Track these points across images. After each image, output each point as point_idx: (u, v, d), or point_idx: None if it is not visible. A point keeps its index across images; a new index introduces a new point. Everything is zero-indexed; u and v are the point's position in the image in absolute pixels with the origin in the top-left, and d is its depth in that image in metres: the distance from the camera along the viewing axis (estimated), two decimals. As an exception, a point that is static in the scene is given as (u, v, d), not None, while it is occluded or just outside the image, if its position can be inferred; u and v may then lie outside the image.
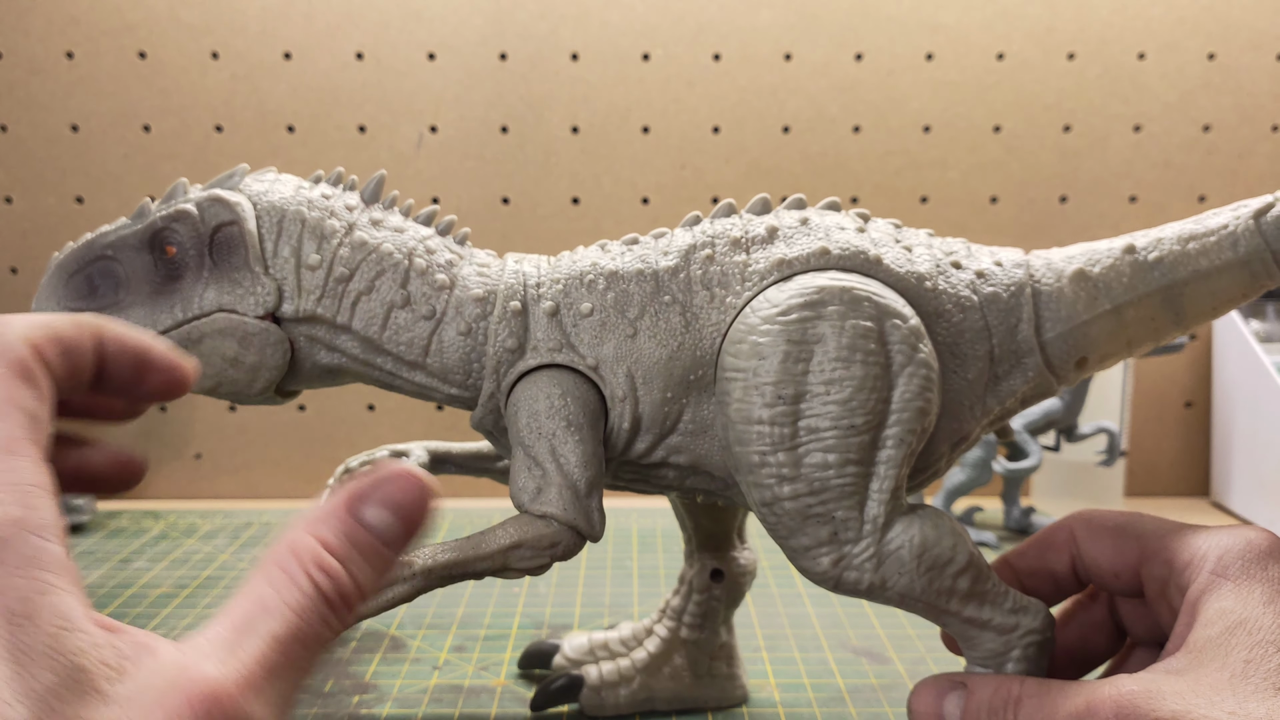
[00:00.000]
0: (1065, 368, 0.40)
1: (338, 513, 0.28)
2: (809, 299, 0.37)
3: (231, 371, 0.39)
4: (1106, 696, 0.30)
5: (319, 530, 0.27)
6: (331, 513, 0.28)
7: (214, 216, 0.39)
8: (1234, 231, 0.38)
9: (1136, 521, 0.37)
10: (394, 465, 0.29)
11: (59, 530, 0.25)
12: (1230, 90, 0.89)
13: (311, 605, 0.26)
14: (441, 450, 0.53)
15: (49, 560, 0.24)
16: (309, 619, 0.26)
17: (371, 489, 0.28)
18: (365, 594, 0.28)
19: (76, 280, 0.39)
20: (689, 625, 0.51)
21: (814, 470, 0.36)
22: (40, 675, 0.22)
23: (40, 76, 0.88)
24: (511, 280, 0.41)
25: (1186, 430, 0.95)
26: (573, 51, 0.88)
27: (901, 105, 0.89)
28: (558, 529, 0.38)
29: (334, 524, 0.28)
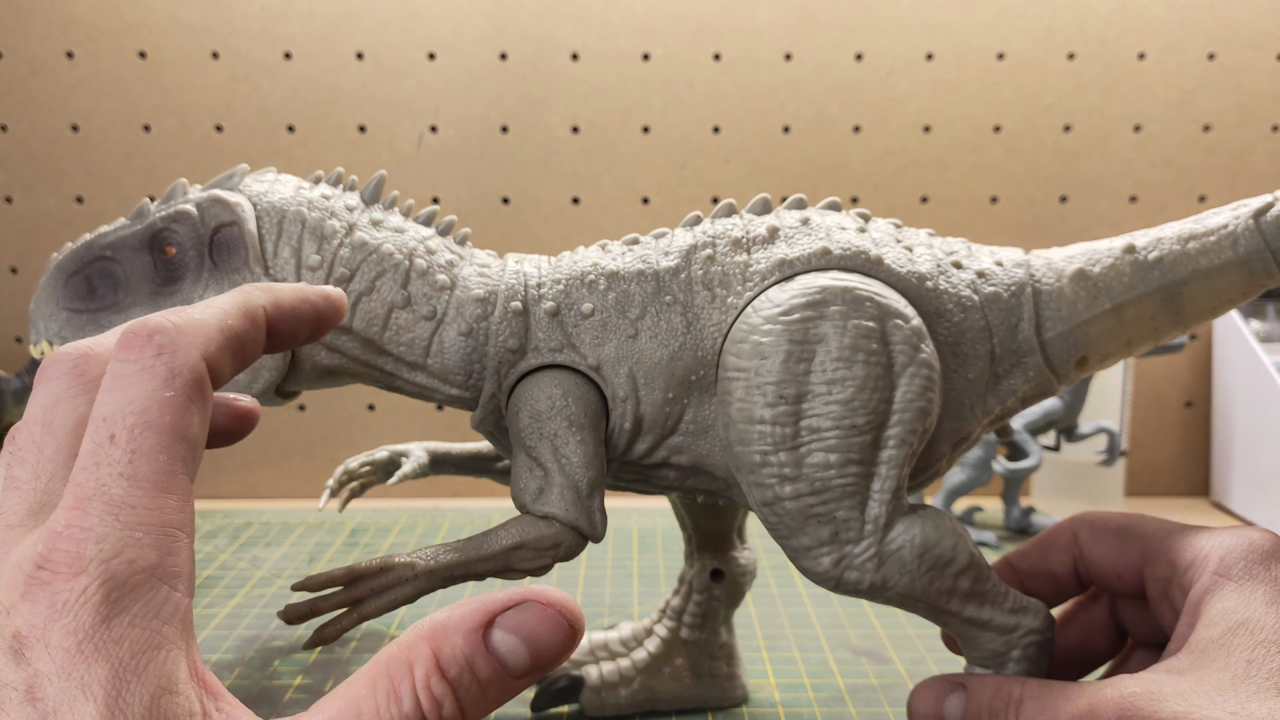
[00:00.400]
0: (1066, 367, 0.40)
1: (466, 629, 0.26)
2: (811, 299, 0.37)
3: (232, 372, 0.39)
4: (1109, 698, 0.30)
5: (441, 644, 0.26)
6: (460, 626, 0.26)
7: (214, 217, 0.39)
8: (1233, 231, 0.38)
9: (1139, 523, 0.37)
10: (542, 591, 0.27)
11: (189, 579, 0.24)
12: (1230, 90, 0.89)
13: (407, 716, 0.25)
14: (441, 451, 0.53)
15: (171, 613, 0.23)
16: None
17: (510, 610, 0.26)
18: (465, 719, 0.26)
19: (75, 281, 0.39)
20: (689, 625, 0.51)
21: (815, 470, 0.36)
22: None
23: (40, 76, 0.88)
24: (512, 280, 0.41)
25: (1186, 430, 0.95)
26: (573, 51, 0.88)
27: (901, 105, 0.89)
28: (559, 530, 0.38)
29: (459, 641, 0.26)
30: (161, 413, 0.25)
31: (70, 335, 0.39)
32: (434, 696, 0.25)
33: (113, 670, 0.22)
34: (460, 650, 0.25)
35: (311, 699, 0.52)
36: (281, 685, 0.54)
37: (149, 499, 0.24)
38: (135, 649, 0.22)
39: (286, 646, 0.59)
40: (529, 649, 0.26)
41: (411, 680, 0.25)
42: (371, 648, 0.59)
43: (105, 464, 0.24)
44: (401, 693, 0.25)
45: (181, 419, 0.25)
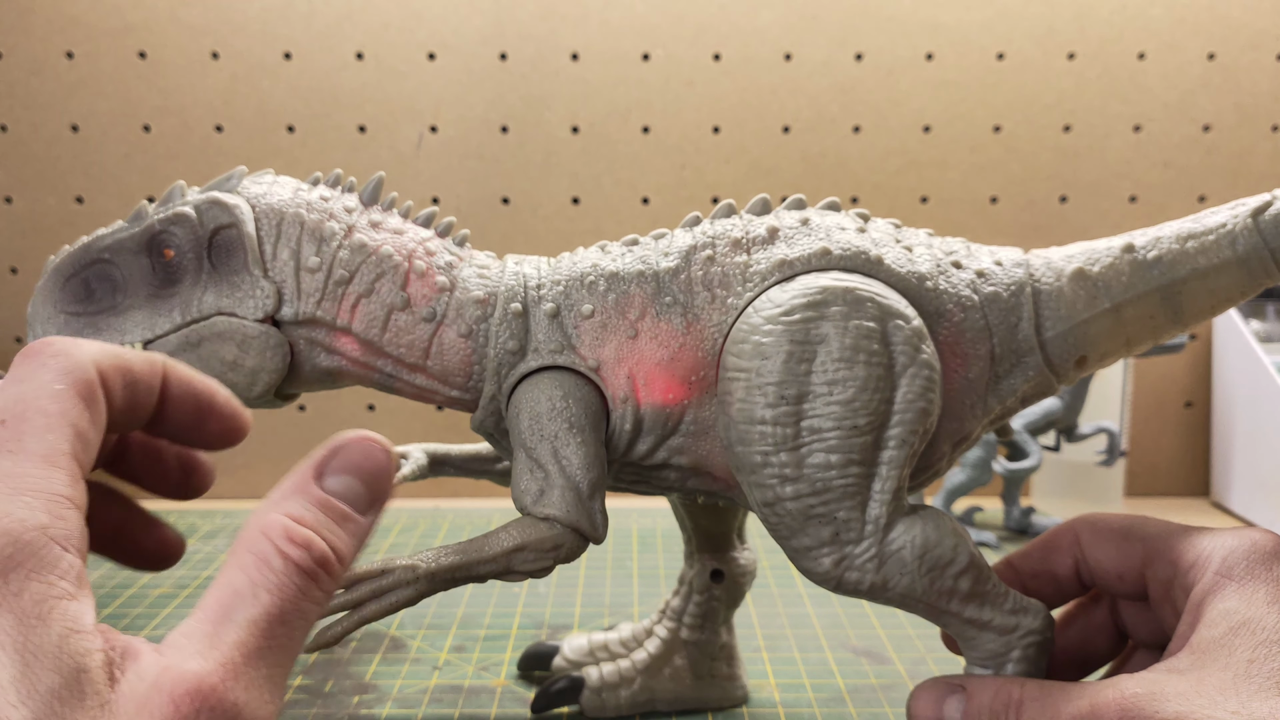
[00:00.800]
0: (1065, 366, 0.40)
1: (302, 485, 0.28)
2: (812, 299, 0.37)
3: (231, 375, 0.39)
4: (1110, 699, 0.30)
5: (286, 506, 0.28)
6: (296, 486, 0.28)
7: (212, 219, 0.39)
8: (1232, 230, 0.38)
9: (1141, 524, 0.37)
10: (349, 433, 0.29)
11: (81, 543, 0.25)
12: (1230, 90, 0.89)
13: (288, 581, 0.26)
14: (440, 452, 0.53)
15: (66, 569, 0.24)
16: (286, 596, 0.26)
17: (330, 457, 0.29)
18: (345, 560, 0.28)
19: (73, 284, 0.39)
20: (689, 626, 0.51)
21: (816, 470, 0.36)
22: (45, 676, 0.22)
23: (40, 76, 0.88)
24: (512, 282, 0.41)
25: (1186, 430, 0.95)
26: (573, 51, 0.88)
27: (901, 105, 0.89)
28: (560, 531, 0.38)
29: (300, 497, 0.28)
30: (49, 401, 0.26)
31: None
32: (300, 545, 0.27)
33: (16, 619, 0.23)
34: (305, 501, 0.28)
35: (311, 699, 0.52)
36: (281, 686, 0.54)
37: (35, 469, 0.25)
38: (35, 598, 0.23)
39: (286, 647, 0.59)
40: (360, 479, 0.29)
41: (273, 542, 0.26)
42: (372, 648, 0.59)
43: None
44: (268, 556, 0.26)
45: (69, 408, 0.26)
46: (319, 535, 0.27)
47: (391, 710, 0.51)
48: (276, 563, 0.26)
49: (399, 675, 0.56)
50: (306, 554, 0.27)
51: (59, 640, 0.23)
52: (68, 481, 0.25)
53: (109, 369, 0.28)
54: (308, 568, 0.27)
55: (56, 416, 0.26)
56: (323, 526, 0.28)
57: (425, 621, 0.63)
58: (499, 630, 0.62)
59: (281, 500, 0.28)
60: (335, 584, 0.28)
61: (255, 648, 0.25)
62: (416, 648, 0.59)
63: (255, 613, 0.26)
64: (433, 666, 0.57)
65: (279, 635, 0.26)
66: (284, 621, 0.26)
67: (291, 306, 0.39)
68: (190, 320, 0.39)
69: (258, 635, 0.25)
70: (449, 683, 0.55)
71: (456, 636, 0.61)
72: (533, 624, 0.63)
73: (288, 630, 0.26)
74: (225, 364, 0.39)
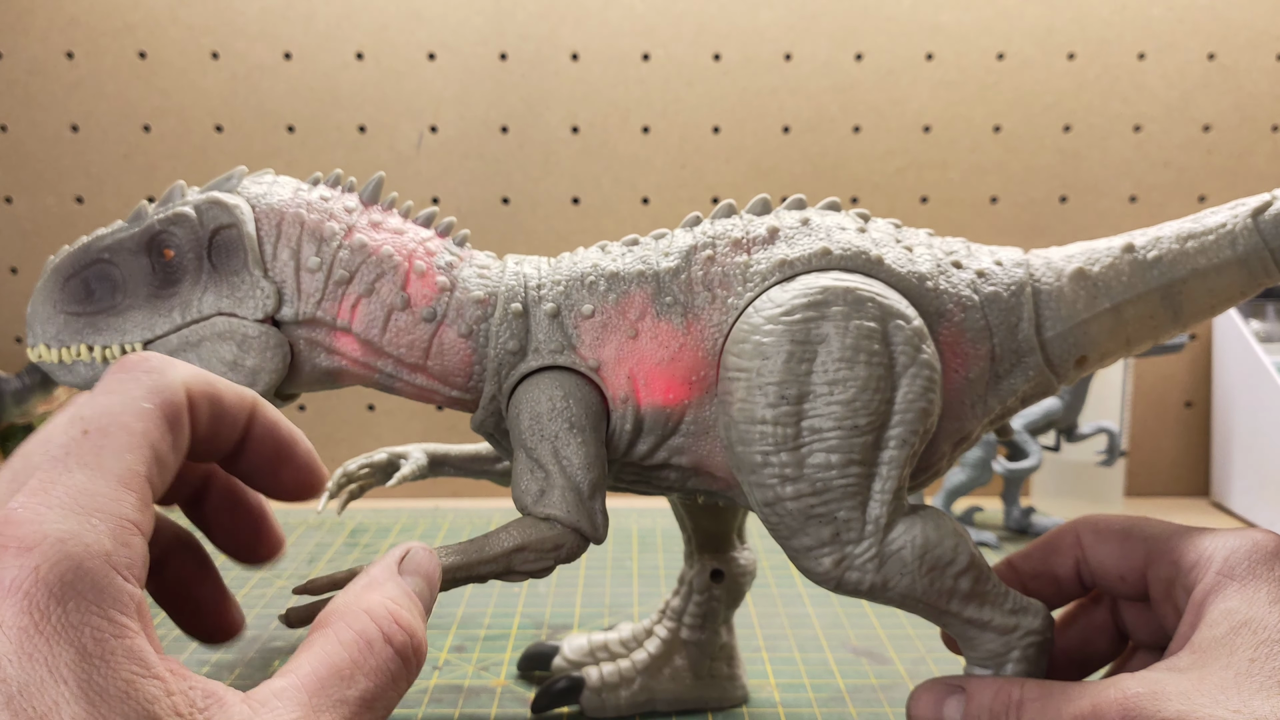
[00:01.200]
0: (1065, 366, 0.40)
1: (392, 575, 0.30)
2: (813, 299, 0.37)
3: (231, 375, 0.39)
4: (1112, 698, 0.30)
5: (387, 591, 0.29)
6: (388, 575, 0.30)
7: (212, 219, 0.39)
8: (1232, 230, 0.38)
9: (1143, 525, 0.38)
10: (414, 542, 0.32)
11: (143, 573, 0.25)
12: (1230, 90, 0.89)
13: (386, 667, 0.27)
14: (440, 453, 0.53)
15: (127, 602, 0.23)
16: (383, 681, 0.27)
17: (404, 555, 0.31)
18: (424, 651, 0.29)
19: (73, 284, 0.39)
20: (689, 626, 0.51)
21: (817, 470, 0.36)
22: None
23: (40, 76, 0.88)
24: (512, 282, 0.41)
25: (1186, 430, 0.95)
26: (573, 51, 0.88)
27: (901, 105, 0.89)
28: (561, 531, 0.38)
29: (394, 585, 0.29)
30: (135, 418, 0.26)
31: (67, 338, 0.39)
32: (404, 631, 0.28)
33: (79, 653, 0.22)
34: (399, 592, 0.29)
35: (311, 700, 0.52)
36: (281, 686, 0.54)
37: (108, 489, 0.25)
38: (98, 634, 0.22)
39: (286, 647, 0.59)
40: (424, 578, 0.31)
41: (378, 626, 0.28)
42: (371, 648, 0.59)
43: (74, 454, 0.25)
44: (372, 638, 0.27)
45: (153, 429, 0.26)
46: (413, 628, 0.28)
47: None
48: (380, 647, 0.27)
49: (399, 675, 0.56)
50: (408, 641, 0.28)
51: (126, 685, 0.22)
52: (138, 506, 0.25)
53: (199, 394, 0.28)
54: (405, 655, 0.28)
55: (139, 436, 0.26)
56: (414, 620, 0.29)
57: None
58: (499, 630, 0.62)
59: (377, 585, 0.29)
60: (418, 673, 0.29)
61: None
62: (416, 648, 0.59)
63: (353, 694, 0.26)
64: (433, 666, 0.57)
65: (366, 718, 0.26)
66: (373, 706, 0.27)
67: (291, 307, 0.39)
68: (190, 320, 0.39)
69: (351, 716, 0.26)
70: (449, 683, 0.55)
71: (456, 636, 0.61)
72: (533, 624, 0.63)
73: (374, 715, 0.27)
74: (225, 364, 0.39)
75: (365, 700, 0.26)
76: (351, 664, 0.26)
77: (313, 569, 0.73)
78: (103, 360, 0.39)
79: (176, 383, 0.28)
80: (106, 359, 0.39)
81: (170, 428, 0.27)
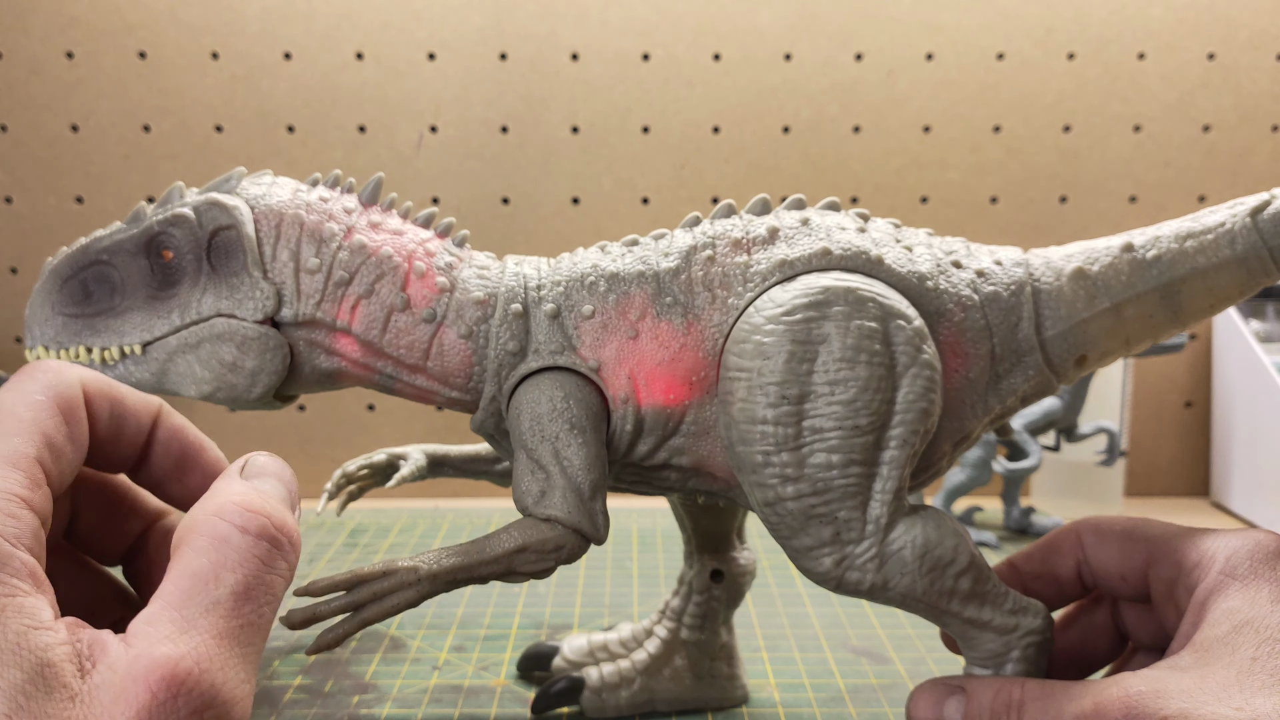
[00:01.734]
0: (1065, 365, 0.40)
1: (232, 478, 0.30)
2: (814, 299, 0.37)
3: (230, 377, 0.39)
4: (1114, 696, 0.30)
5: (230, 491, 0.28)
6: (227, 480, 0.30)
7: (211, 220, 0.39)
8: (1231, 229, 0.38)
9: (1144, 526, 0.38)
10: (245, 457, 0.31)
11: (35, 543, 0.25)
12: (1230, 90, 0.89)
13: (250, 556, 0.27)
14: (439, 453, 0.53)
15: (19, 566, 0.24)
16: (251, 570, 0.27)
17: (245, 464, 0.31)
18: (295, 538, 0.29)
19: (71, 286, 0.39)
20: (689, 626, 0.51)
21: (817, 470, 0.36)
22: (7, 673, 0.22)
23: (40, 76, 0.88)
24: (512, 283, 0.41)
25: (1186, 430, 0.95)
26: (573, 51, 0.88)
27: (901, 105, 0.89)
28: (562, 532, 0.38)
29: (239, 485, 0.29)
30: (25, 409, 0.27)
31: (66, 340, 0.39)
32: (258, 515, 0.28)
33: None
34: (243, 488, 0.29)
35: (311, 699, 0.52)
36: (281, 685, 0.54)
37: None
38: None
39: (286, 647, 0.59)
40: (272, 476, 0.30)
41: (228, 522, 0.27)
42: (371, 648, 0.59)
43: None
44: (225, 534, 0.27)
45: (44, 417, 0.27)
46: (270, 512, 0.28)
47: (391, 710, 0.51)
48: (236, 539, 0.27)
49: (399, 675, 0.56)
50: (267, 521, 0.27)
51: (16, 637, 0.23)
52: (25, 483, 0.26)
53: (96, 392, 0.29)
54: (269, 535, 0.27)
55: (28, 423, 0.27)
56: (272, 506, 0.28)
57: (425, 621, 0.63)
58: (499, 630, 0.62)
59: (221, 490, 0.29)
60: (296, 555, 0.28)
61: (226, 628, 0.26)
62: (416, 648, 0.59)
63: (221, 593, 0.26)
64: (433, 666, 0.57)
65: (248, 613, 0.26)
66: (250, 598, 0.26)
67: (291, 308, 0.39)
68: (189, 322, 0.39)
69: (227, 615, 0.26)
70: (449, 683, 0.55)
71: (456, 636, 0.61)
72: (532, 624, 0.63)
73: (256, 607, 0.26)
74: (224, 365, 0.39)
75: (238, 594, 0.26)
76: (211, 565, 0.26)
77: (313, 569, 0.73)
78: (101, 361, 0.39)
79: (72, 378, 0.29)
80: (105, 360, 0.39)
81: (65, 418, 0.28)
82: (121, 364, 0.39)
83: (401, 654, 0.58)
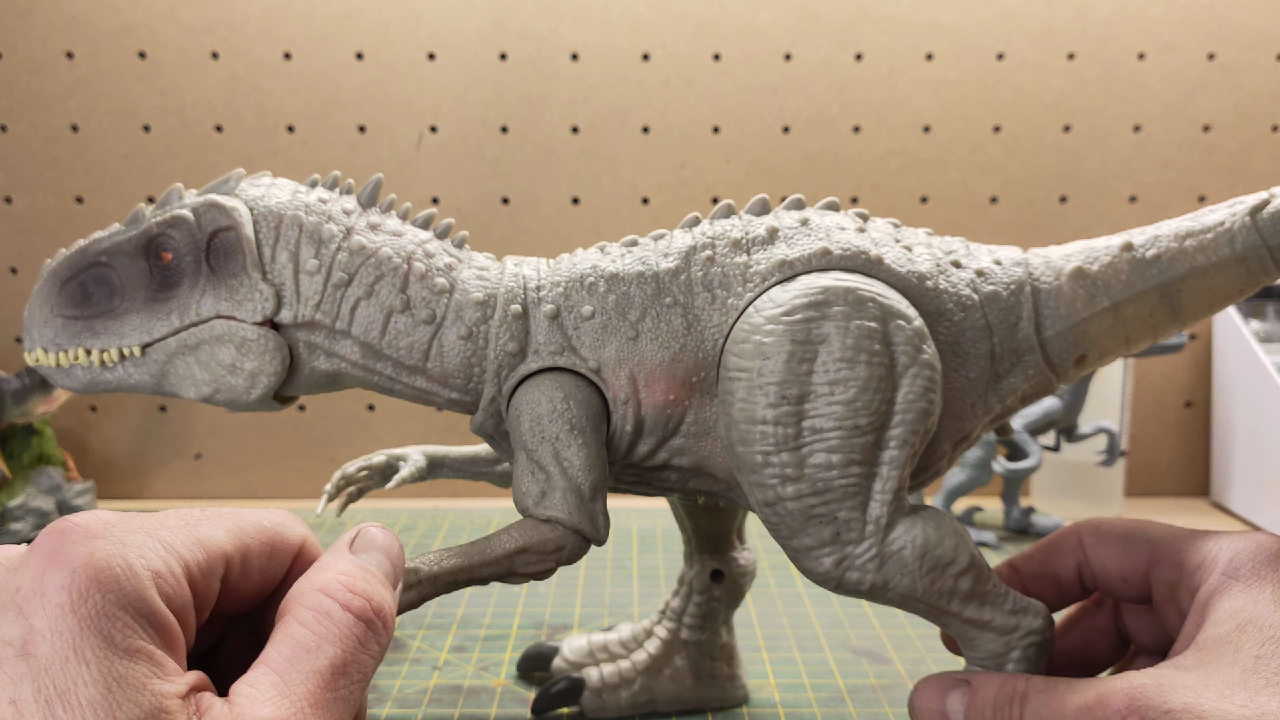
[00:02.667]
0: (1065, 365, 0.40)
1: (341, 554, 0.31)
2: (814, 299, 0.37)
3: (230, 378, 0.39)
4: (1118, 689, 0.30)
5: (337, 568, 0.30)
6: (336, 555, 0.31)
7: (210, 222, 0.39)
8: (1230, 228, 0.38)
9: (1145, 527, 0.38)
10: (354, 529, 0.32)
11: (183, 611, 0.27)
12: (1230, 90, 0.89)
13: (349, 633, 0.28)
14: (439, 454, 0.53)
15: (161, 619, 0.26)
16: (348, 647, 0.28)
17: (354, 538, 0.32)
18: (392, 621, 0.30)
19: (70, 287, 0.39)
20: (689, 626, 0.51)
21: (817, 471, 0.36)
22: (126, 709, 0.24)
23: (40, 76, 0.88)
24: (512, 283, 0.41)
25: (1186, 430, 0.95)
26: (573, 51, 0.88)
27: (901, 105, 0.89)
28: (563, 533, 0.38)
29: (345, 563, 0.30)
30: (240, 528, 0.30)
31: (65, 342, 0.39)
32: (359, 596, 0.29)
33: (104, 641, 0.24)
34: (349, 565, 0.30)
35: (311, 700, 0.52)
36: (281, 686, 0.54)
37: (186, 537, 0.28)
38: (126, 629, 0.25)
39: (286, 647, 0.59)
40: (384, 555, 0.32)
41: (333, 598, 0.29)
42: (371, 649, 0.59)
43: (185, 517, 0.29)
44: (329, 609, 0.28)
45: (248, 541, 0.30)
46: (371, 593, 0.29)
47: (391, 710, 0.51)
48: (339, 615, 0.28)
49: (399, 675, 0.56)
50: (366, 604, 0.29)
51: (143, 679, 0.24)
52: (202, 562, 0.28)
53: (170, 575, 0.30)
54: (367, 618, 0.29)
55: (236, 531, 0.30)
56: (373, 586, 0.30)
57: (425, 621, 0.63)
58: (499, 630, 0.62)
59: (329, 565, 0.30)
60: (388, 638, 0.30)
61: (321, 699, 0.27)
62: (416, 648, 0.59)
63: (321, 664, 0.27)
64: (433, 666, 0.57)
65: (341, 686, 0.27)
66: (345, 673, 0.28)
67: (290, 309, 0.39)
68: (188, 323, 0.39)
69: (323, 686, 0.27)
70: (449, 683, 0.55)
71: (456, 636, 0.61)
72: (532, 624, 0.63)
73: (349, 682, 0.28)
74: (224, 367, 0.39)
75: (336, 668, 0.27)
76: (314, 637, 0.27)
77: (313, 569, 0.73)
78: (100, 364, 0.39)
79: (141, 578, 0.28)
80: (104, 362, 0.39)
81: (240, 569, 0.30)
82: (120, 366, 0.39)
83: (401, 654, 0.58)
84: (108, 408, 0.92)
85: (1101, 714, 0.30)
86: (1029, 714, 0.33)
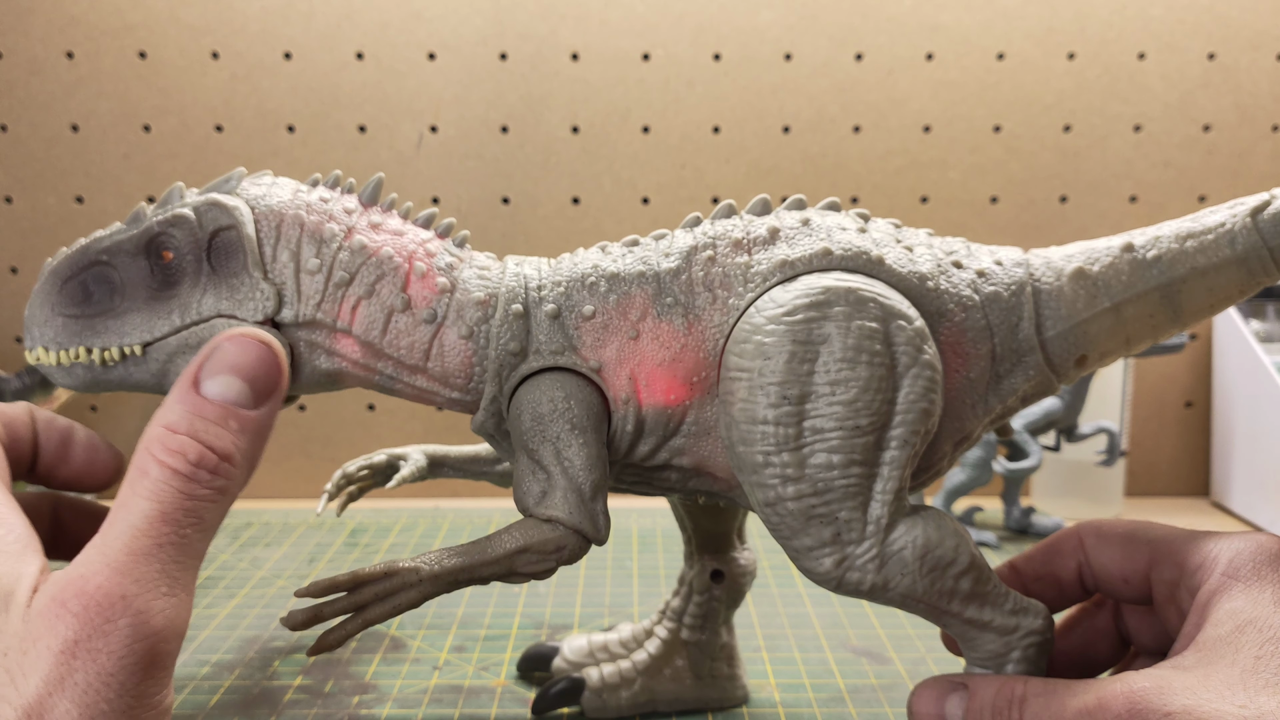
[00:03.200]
0: (1065, 365, 0.40)
1: (179, 395, 0.31)
2: (815, 299, 0.37)
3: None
4: (1118, 692, 0.30)
5: (162, 418, 0.30)
6: (174, 397, 0.31)
7: (211, 221, 0.39)
8: (1231, 229, 0.38)
9: (1146, 528, 0.38)
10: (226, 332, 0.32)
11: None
12: (1230, 90, 0.89)
13: (164, 485, 0.29)
14: (439, 454, 0.53)
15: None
16: (165, 497, 0.29)
17: (205, 360, 0.31)
18: (231, 455, 0.31)
19: (70, 287, 0.39)
20: (689, 626, 0.51)
21: (818, 471, 0.36)
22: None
23: (40, 76, 0.88)
24: (513, 283, 0.41)
25: (1186, 430, 0.95)
26: (573, 51, 0.88)
27: (901, 105, 0.89)
28: (563, 533, 0.38)
29: (176, 406, 0.31)
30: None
31: (66, 341, 0.39)
32: (172, 452, 0.30)
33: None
34: (182, 410, 0.31)
35: (311, 699, 0.52)
36: (281, 685, 0.54)
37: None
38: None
39: (287, 647, 0.59)
40: (240, 375, 0.31)
41: (149, 454, 0.29)
42: (372, 648, 0.59)
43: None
44: (144, 465, 0.29)
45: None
46: (194, 438, 0.30)
47: (391, 710, 0.51)
48: (152, 469, 0.29)
49: (399, 675, 0.56)
50: (181, 458, 0.30)
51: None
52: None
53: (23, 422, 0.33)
54: (184, 471, 0.29)
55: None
56: (199, 430, 0.30)
57: (425, 621, 0.63)
58: (499, 630, 0.62)
59: (160, 414, 0.31)
60: (229, 479, 0.30)
61: (140, 546, 0.28)
62: (416, 648, 0.59)
63: (134, 516, 0.29)
64: (433, 666, 0.57)
65: (166, 533, 0.29)
66: (168, 520, 0.29)
67: (291, 308, 0.39)
68: (190, 322, 0.39)
69: (140, 535, 0.28)
70: (449, 683, 0.55)
71: (456, 636, 0.61)
72: (533, 624, 0.63)
73: (176, 528, 0.29)
74: (225, 366, 0.39)
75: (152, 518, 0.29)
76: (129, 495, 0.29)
77: (313, 569, 0.73)
78: (101, 362, 0.39)
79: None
80: (105, 361, 0.39)
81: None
82: (121, 365, 0.39)
83: (402, 654, 0.58)
84: (108, 407, 0.92)
85: (1101, 717, 0.30)
86: (1028, 717, 0.33)
